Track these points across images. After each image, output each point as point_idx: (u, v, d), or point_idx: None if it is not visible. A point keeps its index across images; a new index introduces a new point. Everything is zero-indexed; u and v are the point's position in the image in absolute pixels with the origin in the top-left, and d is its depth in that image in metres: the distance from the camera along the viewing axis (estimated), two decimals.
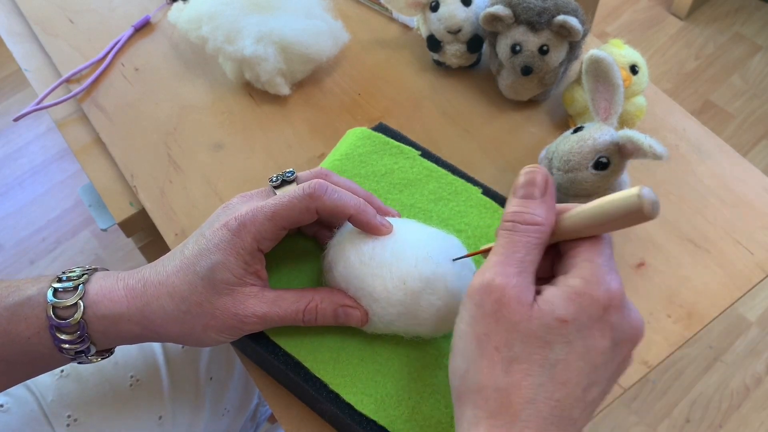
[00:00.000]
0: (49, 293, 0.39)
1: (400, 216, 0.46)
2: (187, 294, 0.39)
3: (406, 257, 0.40)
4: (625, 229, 0.54)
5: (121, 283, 0.40)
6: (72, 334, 0.39)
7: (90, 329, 0.39)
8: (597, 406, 0.33)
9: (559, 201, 0.51)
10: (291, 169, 0.44)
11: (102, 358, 0.42)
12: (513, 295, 0.31)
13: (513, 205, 0.34)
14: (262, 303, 0.40)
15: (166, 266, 0.40)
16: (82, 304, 0.39)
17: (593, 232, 0.34)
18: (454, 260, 0.41)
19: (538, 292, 0.33)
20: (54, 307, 0.39)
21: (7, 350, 0.39)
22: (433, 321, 0.40)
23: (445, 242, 0.42)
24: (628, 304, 0.33)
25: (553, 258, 0.36)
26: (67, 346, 0.39)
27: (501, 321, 0.31)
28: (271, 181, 0.43)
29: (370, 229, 0.41)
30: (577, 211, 0.34)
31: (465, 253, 0.42)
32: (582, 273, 0.32)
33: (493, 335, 0.32)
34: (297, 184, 0.43)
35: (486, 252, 0.37)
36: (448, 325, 0.40)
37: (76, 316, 0.39)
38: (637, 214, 0.31)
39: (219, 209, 0.42)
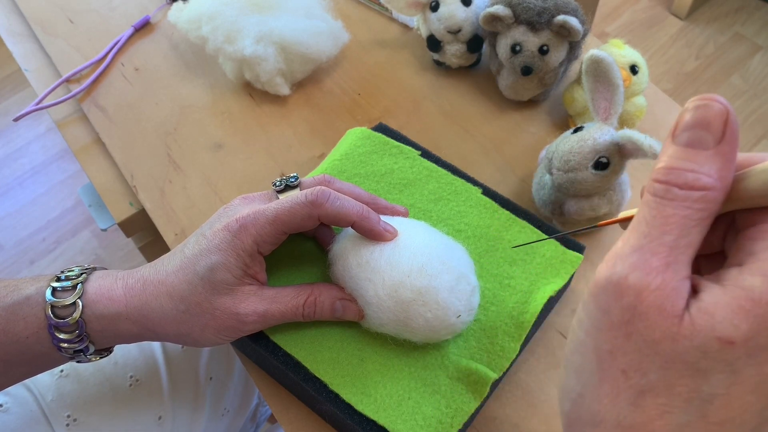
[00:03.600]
0: (48, 292, 0.39)
1: (407, 214, 0.46)
2: (186, 294, 0.39)
3: (400, 266, 0.40)
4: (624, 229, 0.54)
5: (119, 283, 0.40)
6: (70, 333, 0.39)
7: (88, 328, 0.39)
8: None
9: (559, 201, 0.51)
10: (295, 174, 0.44)
11: (101, 357, 0.42)
12: (654, 303, 0.23)
13: (669, 155, 0.24)
14: (262, 300, 0.40)
15: (165, 266, 0.40)
16: (80, 303, 0.39)
17: None
18: (513, 247, 0.41)
19: (695, 291, 0.23)
20: (52, 307, 0.39)
21: (6, 350, 0.39)
22: (423, 331, 0.40)
23: (447, 252, 0.41)
24: None
25: (726, 229, 0.26)
26: (65, 345, 0.39)
27: (633, 337, 0.23)
28: (275, 185, 0.43)
29: (373, 236, 0.41)
30: (765, 165, 0.23)
31: (468, 260, 0.42)
32: (766, 268, 0.22)
33: (620, 354, 0.23)
34: (300, 190, 0.43)
35: (626, 221, 0.27)
36: (439, 336, 0.41)
37: (74, 315, 0.39)
38: None
39: (220, 210, 0.42)
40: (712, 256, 0.25)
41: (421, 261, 0.40)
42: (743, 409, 0.22)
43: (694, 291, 0.23)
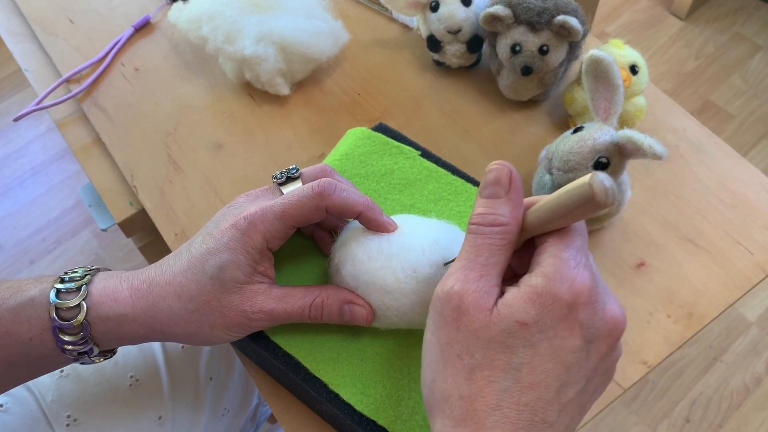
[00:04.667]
0: (52, 294, 0.39)
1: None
2: (195, 293, 0.39)
3: (413, 247, 0.40)
4: (624, 229, 0.54)
5: (125, 284, 0.40)
6: (75, 335, 0.39)
7: (93, 330, 0.39)
8: (582, 406, 0.32)
9: None
10: (294, 166, 0.44)
11: (105, 359, 0.42)
12: (472, 302, 0.31)
13: (478, 205, 0.34)
14: (270, 299, 0.40)
15: (172, 266, 0.40)
16: (85, 305, 0.39)
17: (558, 225, 0.32)
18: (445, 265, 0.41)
19: (503, 293, 0.32)
20: (56, 309, 0.38)
21: (9, 351, 0.39)
22: None
23: (447, 229, 0.42)
24: (601, 297, 0.32)
25: (532, 253, 0.35)
26: (69, 347, 0.39)
27: (461, 329, 0.31)
28: (276, 178, 0.43)
29: (378, 227, 0.41)
30: (539, 205, 0.33)
31: (462, 237, 0.42)
32: (545, 270, 0.31)
33: (454, 343, 0.31)
34: (302, 181, 0.43)
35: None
36: None
37: (79, 317, 0.38)
38: (591, 203, 0.29)
39: (224, 209, 0.42)
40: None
41: (431, 238, 0.40)
42: (546, 373, 0.30)
43: (503, 294, 0.32)
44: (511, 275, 0.36)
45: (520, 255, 0.35)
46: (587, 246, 0.33)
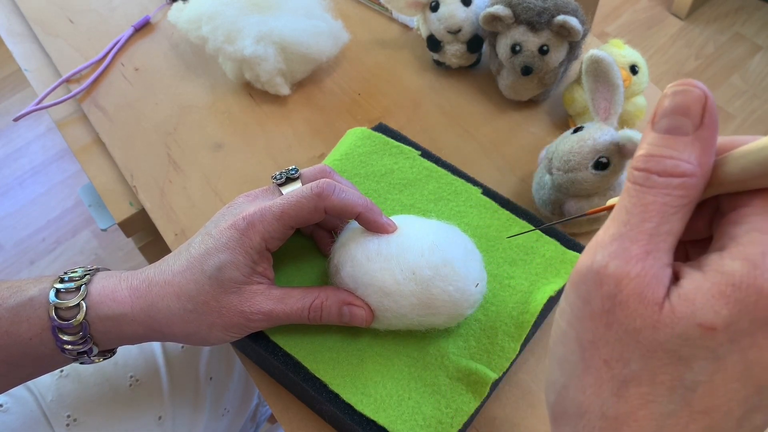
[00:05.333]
0: (51, 294, 0.39)
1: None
2: (194, 293, 0.39)
3: (412, 248, 0.40)
4: None
5: (124, 284, 0.40)
6: (74, 335, 0.39)
7: (93, 330, 0.39)
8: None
9: (559, 201, 0.51)
10: (294, 167, 0.44)
11: (104, 359, 0.42)
12: (634, 291, 0.22)
13: (649, 143, 0.23)
14: (269, 300, 0.40)
15: (171, 266, 0.40)
16: (84, 304, 0.39)
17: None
18: (508, 237, 0.42)
19: (677, 278, 0.23)
20: (56, 308, 0.38)
21: (9, 351, 0.39)
22: (447, 308, 0.40)
23: (446, 230, 0.42)
24: None
25: (712, 214, 0.25)
26: (69, 347, 0.39)
27: (614, 326, 0.23)
28: (275, 178, 0.43)
29: (377, 228, 0.41)
30: (746, 150, 0.23)
31: (465, 238, 0.42)
32: (747, 252, 0.22)
33: (602, 344, 0.23)
34: (301, 181, 0.43)
35: (609, 210, 0.27)
36: (461, 311, 0.41)
37: (78, 317, 0.38)
38: None
39: (223, 209, 0.42)
40: (701, 242, 0.25)
41: (430, 239, 0.40)
42: (728, 396, 0.22)
43: (677, 278, 0.23)
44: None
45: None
46: None
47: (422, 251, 0.40)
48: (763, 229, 0.22)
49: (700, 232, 0.25)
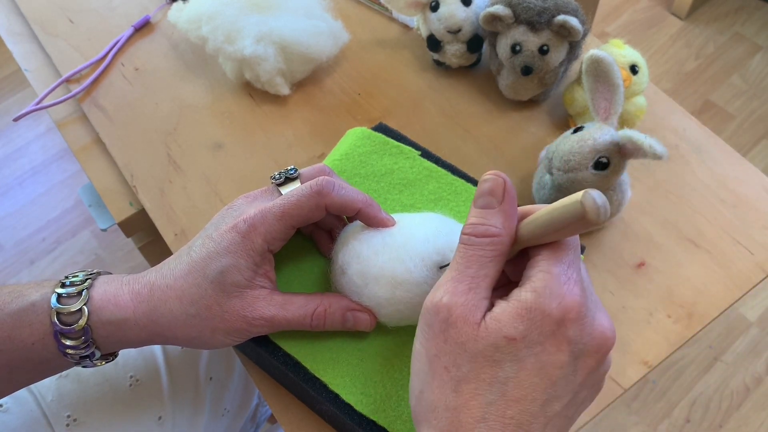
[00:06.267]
0: (53, 299, 0.39)
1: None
2: (196, 297, 0.39)
3: (416, 237, 0.40)
4: (624, 229, 0.54)
5: (126, 288, 0.40)
6: (77, 339, 0.39)
7: (95, 334, 0.39)
8: (569, 418, 0.32)
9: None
10: (293, 166, 0.44)
11: (106, 362, 0.42)
12: (460, 315, 0.31)
13: (471, 216, 0.33)
14: (271, 306, 0.40)
15: (173, 270, 0.40)
16: (86, 309, 0.39)
17: (551, 239, 0.32)
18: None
19: (492, 306, 0.32)
20: (58, 313, 0.38)
21: (11, 356, 0.39)
22: None
23: (444, 219, 0.43)
24: (590, 313, 0.32)
25: (526, 261, 0.34)
26: (71, 351, 0.39)
27: (449, 341, 0.31)
28: (274, 178, 0.43)
29: (378, 223, 0.41)
30: (532, 218, 0.33)
31: (459, 226, 0.43)
32: (535, 285, 0.31)
33: (442, 355, 0.31)
34: (300, 181, 0.43)
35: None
36: None
37: (80, 321, 0.38)
38: (582, 221, 0.29)
39: (223, 210, 0.42)
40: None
41: (432, 226, 0.41)
42: (532, 388, 0.30)
43: (492, 306, 0.32)
44: (505, 281, 0.36)
45: (515, 262, 0.35)
46: (579, 260, 0.33)
47: (427, 238, 0.40)
48: (547, 269, 0.31)
49: (520, 276, 0.34)
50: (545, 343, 0.30)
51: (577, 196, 0.29)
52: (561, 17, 0.52)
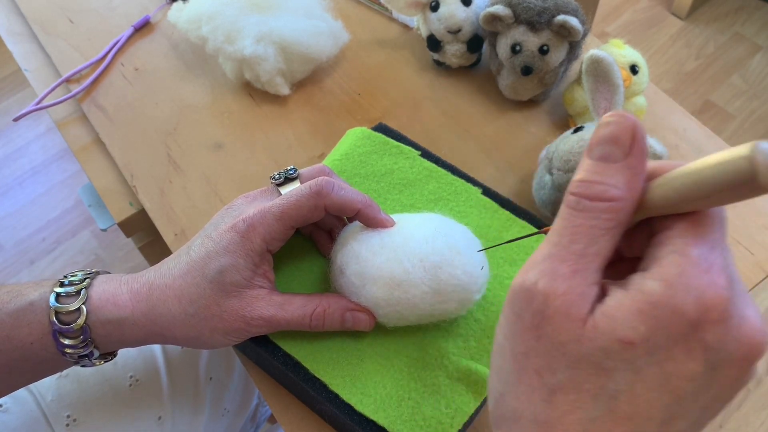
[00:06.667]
0: (51, 298, 0.39)
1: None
2: (195, 297, 0.39)
3: (415, 237, 0.40)
4: None
5: (124, 287, 0.40)
6: (75, 338, 0.39)
7: (93, 334, 0.39)
8: None
9: (559, 201, 0.51)
10: (293, 167, 0.44)
11: (105, 362, 0.42)
12: (559, 307, 0.24)
13: (584, 169, 0.25)
14: (270, 306, 0.40)
15: (171, 269, 0.40)
16: (85, 309, 0.39)
17: (692, 208, 0.24)
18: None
19: (604, 295, 0.24)
20: (56, 312, 0.38)
21: (10, 356, 0.39)
22: (458, 293, 0.40)
23: (444, 219, 0.43)
24: (738, 311, 0.23)
25: (650, 234, 0.26)
26: (70, 350, 0.39)
27: (543, 339, 0.24)
28: (273, 178, 0.43)
29: (377, 223, 0.41)
30: (667, 177, 0.24)
31: (463, 226, 0.43)
32: (665, 272, 0.23)
33: (533, 356, 0.25)
34: (300, 181, 0.43)
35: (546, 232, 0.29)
36: (470, 298, 0.41)
37: (79, 321, 0.38)
38: (749, 185, 0.21)
39: (222, 210, 0.42)
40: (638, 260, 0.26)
41: (431, 226, 0.41)
42: (648, 404, 0.23)
43: (604, 295, 0.24)
44: (615, 257, 0.27)
45: (631, 231, 0.27)
46: (725, 239, 0.24)
47: (426, 239, 0.40)
48: (683, 251, 0.23)
49: (638, 252, 0.26)
50: (673, 348, 0.23)
51: (742, 150, 0.21)
52: (561, 17, 0.52)
